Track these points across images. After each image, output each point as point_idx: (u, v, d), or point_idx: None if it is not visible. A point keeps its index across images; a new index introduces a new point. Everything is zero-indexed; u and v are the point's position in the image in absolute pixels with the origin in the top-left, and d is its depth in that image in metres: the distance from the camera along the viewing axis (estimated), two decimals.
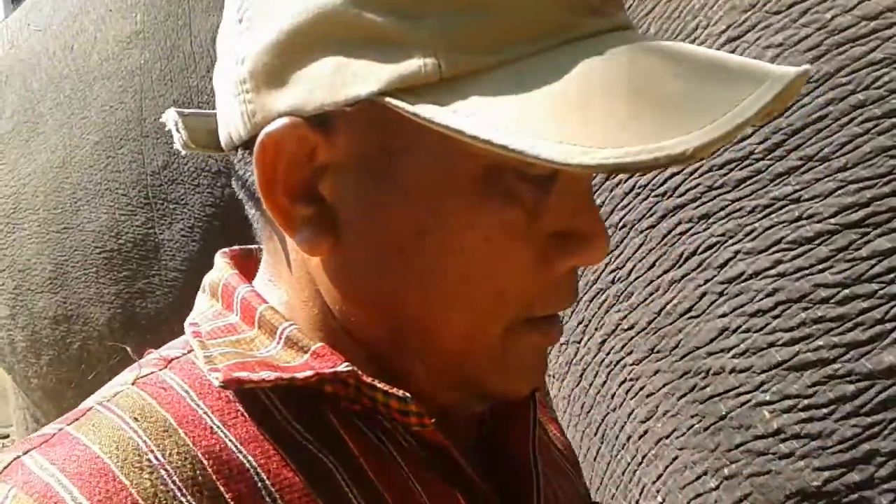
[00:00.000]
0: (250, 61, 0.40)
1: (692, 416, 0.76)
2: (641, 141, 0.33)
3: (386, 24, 0.37)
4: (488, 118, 0.35)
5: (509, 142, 0.34)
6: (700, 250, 0.78)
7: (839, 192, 0.71)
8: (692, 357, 0.76)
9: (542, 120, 0.34)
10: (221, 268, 0.47)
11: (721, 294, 0.75)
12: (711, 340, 0.76)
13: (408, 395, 0.41)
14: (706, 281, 0.77)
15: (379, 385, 0.40)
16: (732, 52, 0.77)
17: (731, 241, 0.75)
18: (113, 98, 1.30)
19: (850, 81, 0.71)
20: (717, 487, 0.74)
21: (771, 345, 0.71)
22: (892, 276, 0.68)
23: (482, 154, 0.36)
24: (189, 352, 0.43)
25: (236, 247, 0.50)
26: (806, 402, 0.70)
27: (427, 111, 0.36)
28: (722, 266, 0.76)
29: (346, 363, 0.40)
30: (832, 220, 0.70)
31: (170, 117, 0.47)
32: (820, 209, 0.71)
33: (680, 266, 0.79)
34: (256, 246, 0.49)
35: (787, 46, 0.74)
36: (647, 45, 0.37)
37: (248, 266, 0.48)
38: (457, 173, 0.38)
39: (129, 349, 1.30)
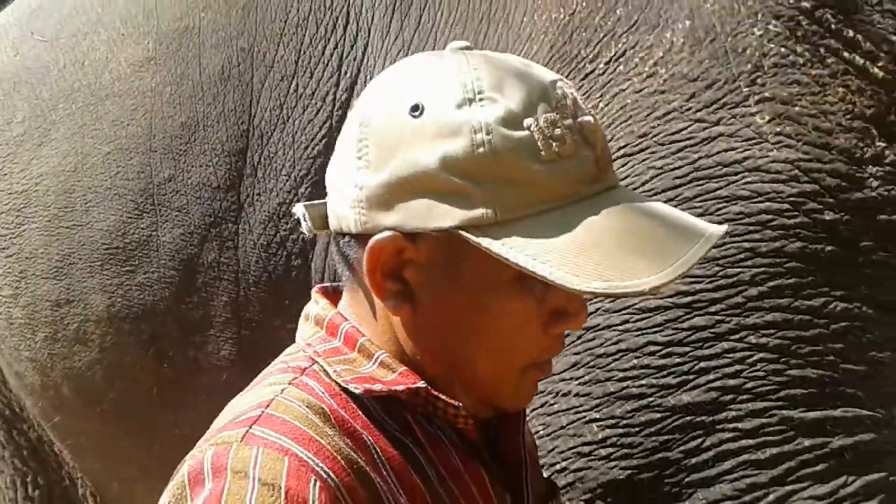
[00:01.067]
0: (367, 190, 0.66)
1: (540, 425, 1.06)
2: (620, 279, 0.61)
3: (464, 185, 0.64)
4: (524, 252, 0.62)
5: (536, 269, 0.61)
6: None
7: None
8: (549, 381, 1.05)
9: (558, 259, 0.62)
10: (324, 306, 0.73)
11: (579, 338, 1.05)
12: (565, 370, 1.05)
13: (459, 404, 0.68)
14: None
15: (441, 397, 0.67)
16: (622, 166, 1.07)
17: (595, 300, 1.04)
18: (124, 115, 1.50)
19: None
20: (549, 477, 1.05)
21: (608, 379, 1.02)
22: (699, 343, 0.99)
23: (515, 268, 0.63)
24: (312, 364, 0.69)
25: (326, 285, 0.76)
26: (625, 422, 1.01)
27: (486, 243, 0.63)
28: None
29: (422, 381, 0.68)
30: (669, 299, 1.01)
31: (299, 210, 0.74)
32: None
33: None
34: (333, 284, 0.76)
35: (664, 171, 1.05)
36: (628, 206, 0.65)
37: (335, 299, 0.74)
38: (499, 278, 0.66)
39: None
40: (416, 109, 0.64)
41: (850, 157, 1.02)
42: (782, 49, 1.06)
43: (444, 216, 0.63)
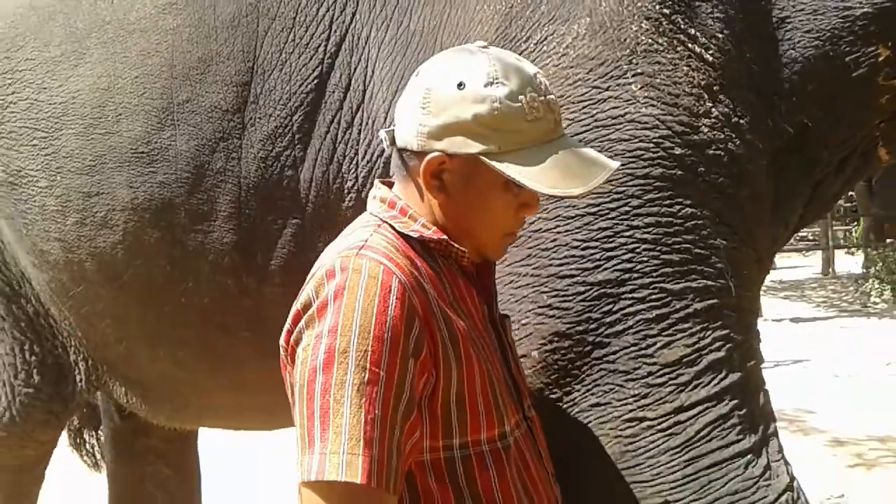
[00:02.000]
0: (427, 127, 1.13)
1: (509, 294, 1.52)
2: (568, 189, 1.12)
3: (484, 131, 1.12)
4: (517, 169, 1.11)
5: (521, 180, 1.11)
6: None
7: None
8: (512, 269, 1.51)
9: (532, 174, 1.11)
10: (386, 191, 1.22)
11: (528, 238, 1.51)
12: (521, 260, 1.50)
13: (465, 250, 1.19)
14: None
15: (456, 245, 1.18)
16: None
17: (546, 202, 1.48)
18: (150, 47, 1.86)
19: None
20: None
21: (550, 264, 1.46)
22: (604, 238, 1.46)
23: (506, 178, 1.12)
24: (382, 224, 1.17)
25: (384, 179, 1.25)
26: (563, 293, 1.44)
27: (493, 163, 1.12)
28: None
29: (445, 235, 1.18)
30: (584, 209, 1.48)
31: (382, 133, 1.22)
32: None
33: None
34: (387, 180, 1.26)
35: (573, 121, 1.52)
36: (572, 148, 1.16)
37: (391, 186, 1.24)
38: (495, 183, 1.15)
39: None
40: (461, 86, 1.11)
41: (690, 113, 1.49)
42: (650, 40, 1.53)
43: (471, 146, 1.12)
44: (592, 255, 1.43)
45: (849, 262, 11.93)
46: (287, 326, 1.09)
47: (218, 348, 1.96)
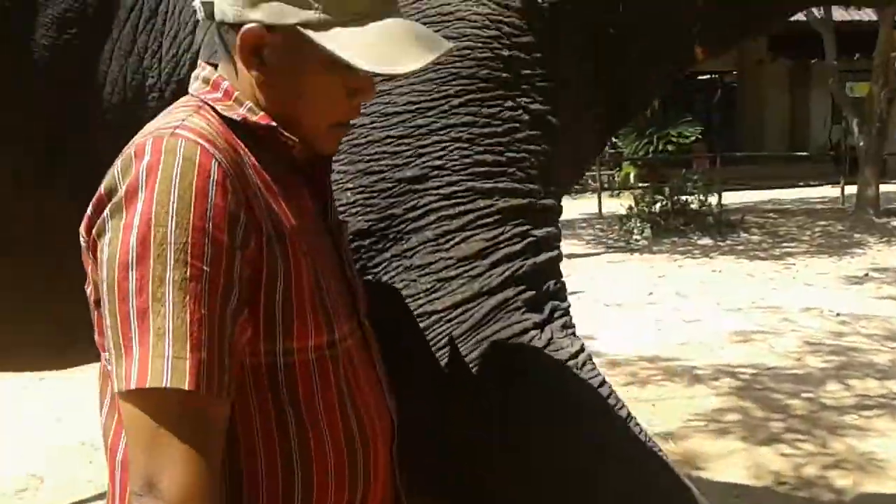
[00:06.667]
0: None
1: None
2: (394, 66, 1.00)
3: None
4: (339, 44, 0.98)
5: (346, 58, 0.98)
6: None
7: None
8: None
9: (356, 49, 0.98)
10: (210, 71, 1.06)
11: None
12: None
13: (296, 139, 1.05)
14: None
15: (285, 133, 1.04)
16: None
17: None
18: None
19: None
20: None
21: (359, 161, 1.38)
22: (419, 137, 1.40)
23: (328, 54, 0.99)
24: (204, 105, 1.02)
25: (209, 60, 1.09)
26: (368, 189, 1.36)
27: (311, 34, 0.98)
28: None
29: (273, 122, 1.03)
30: (401, 106, 1.41)
31: (196, 3, 1.04)
32: (397, 100, 1.42)
33: None
34: (212, 61, 1.09)
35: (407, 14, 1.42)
36: (404, 22, 1.03)
37: (215, 67, 1.08)
38: (318, 60, 1.01)
39: None
40: None
41: (521, 15, 1.47)
42: None
43: (290, 15, 0.98)
44: (404, 151, 1.38)
45: (614, 205, 12.87)
46: (88, 213, 0.95)
47: None
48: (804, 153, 17.84)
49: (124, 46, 1.56)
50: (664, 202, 11.53)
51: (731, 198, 13.32)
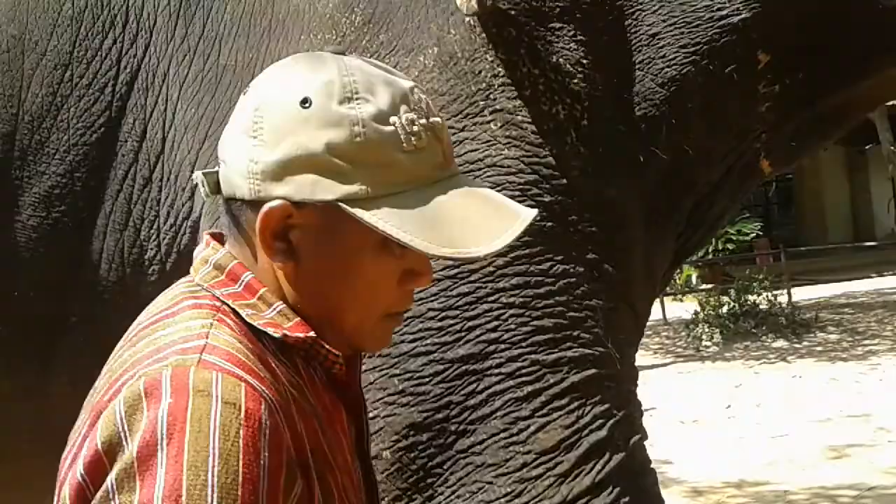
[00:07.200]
0: (262, 164, 0.78)
1: None
2: (462, 247, 0.78)
3: (343, 166, 0.78)
4: (389, 222, 0.77)
5: (400, 237, 0.77)
6: None
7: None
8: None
9: (415, 228, 0.78)
10: (224, 254, 0.84)
11: None
12: None
13: (339, 353, 0.83)
14: None
15: (326, 346, 0.82)
16: None
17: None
18: None
19: None
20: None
21: (401, 342, 1.23)
22: (466, 306, 1.25)
23: (380, 234, 0.77)
24: (219, 309, 0.79)
25: (214, 231, 0.87)
26: (417, 374, 1.21)
27: (359, 213, 0.78)
28: None
29: (312, 332, 0.82)
30: (440, 272, 1.22)
31: (198, 177, 0.84)
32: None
33: None
34: (218, 232, 0.87)
35: None
36: (468, 189, 0.83)
37: (221, 240, 0.86)
38: (366, 242, 0.81)
39: None
40: (306, 102, 0.78)
41: (557, 153, 1.29)
42: (507, 71, 1.31)
43: (327, 190, 0.78)
44: (452, 326, 1.22)
45: (678, 309, 12.45)
46: (77, 478, 0.70)
47: None
48: (871, 242, 17.23)
49: (118, 219, 1.43)
50: (731, 304, 11.07)
51: (801, 294, 12.77)
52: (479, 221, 0.81)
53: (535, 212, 0.85)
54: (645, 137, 1.38)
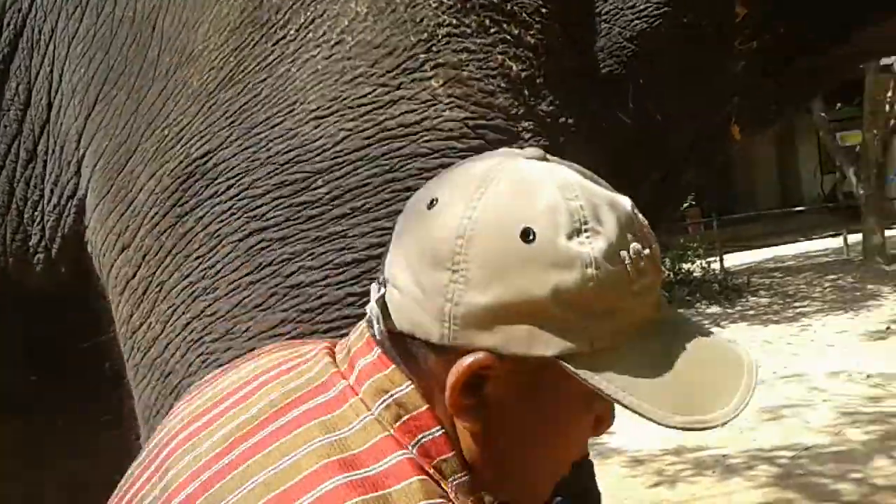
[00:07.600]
0: (464, 307, 0.64)
1: None
2: (700, 414, 0.66)
3: (569, 316, 0.63)
4: (615, 383, 0.64)
5: (630, 403, 0.64)
6: (273, 262, 1.09)
7: (371, 234, 1.08)
8: (258, 339, 1.07)
9: (643, 392, 0.64)
10: (408, 392, 0.68)
11: (285, 295, 1.08)
12: (273, 327, 1.08)
13: None
14: (275, 285, 1.09)
15: None
16: (316, 128, 1.12)
17: (297, 259, 1.09)
18: None
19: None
20: None
21: (313, 332, 1.06)
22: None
23: (601, 394, 0.64)
24: (421, 466, 0.66)
25: (373, 332, 0.71)
26: None
27: (583, 374, 0.64)
28: (288, 276, 1.09)
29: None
30: (363, 252, 1.08)
31: (373, 310, 0.70)
32: (356, 244, 1.08)
33: (258, 272, 1.10)
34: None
35: (353, 132, 1.11)
36: (686, 333, 0.70)
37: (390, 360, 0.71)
38: (580, 400, 0.68)
39: None
40: (528, 235, 0.64)
41: (507, 115, 1.16)
42: (454, 21, 1.18)
43: (546, 344, 0.64)
44: None
45: None
46: None
47: None
48: (800, 207, 17.68)
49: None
50: (666, 273, 11.22)
51: (732, 260, 13.02)
52: (710, 377, 0.68)
53: (754, 358, 0.72)
54: (609, 98, 1.27)
